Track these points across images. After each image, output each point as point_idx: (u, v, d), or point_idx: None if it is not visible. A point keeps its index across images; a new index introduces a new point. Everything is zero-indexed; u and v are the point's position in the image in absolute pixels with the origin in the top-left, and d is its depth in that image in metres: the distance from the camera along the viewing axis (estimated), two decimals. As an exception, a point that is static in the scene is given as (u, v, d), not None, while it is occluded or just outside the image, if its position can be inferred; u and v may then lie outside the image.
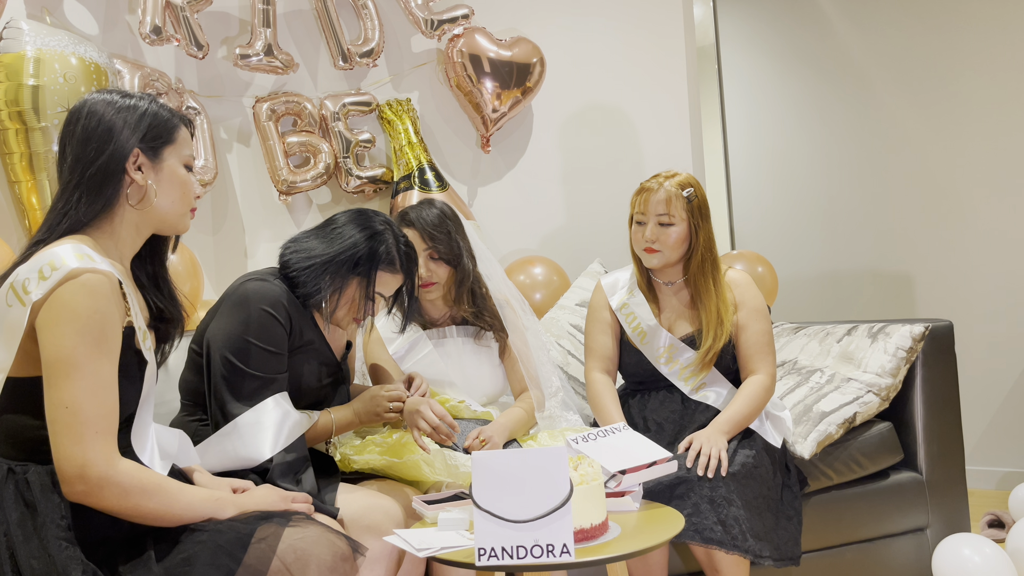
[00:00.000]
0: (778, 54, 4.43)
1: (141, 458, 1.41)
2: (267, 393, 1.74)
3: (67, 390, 1.27)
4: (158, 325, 1.52)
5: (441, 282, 2.19)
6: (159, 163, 1.44)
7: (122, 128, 1.40)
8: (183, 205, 1.47)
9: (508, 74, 3.02)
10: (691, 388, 2.17)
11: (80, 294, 1.29)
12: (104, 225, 1.41)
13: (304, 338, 1.84)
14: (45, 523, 1.27)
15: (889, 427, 2.44)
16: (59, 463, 1.27)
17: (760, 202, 4.48)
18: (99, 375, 1.29)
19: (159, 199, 1.43)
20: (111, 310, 1.31)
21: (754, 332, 2.16)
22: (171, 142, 1.45)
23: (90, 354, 1.28)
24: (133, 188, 1.42)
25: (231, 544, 1.31)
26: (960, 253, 3.87)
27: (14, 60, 2.31)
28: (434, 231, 2.15)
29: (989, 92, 3.78)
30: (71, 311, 1.28)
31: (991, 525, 2.94)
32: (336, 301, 1.83)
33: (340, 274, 1.82)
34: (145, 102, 1.45)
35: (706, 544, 1.88)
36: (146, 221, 1.45)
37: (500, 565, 1.38)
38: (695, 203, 2.14)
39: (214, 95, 2.97)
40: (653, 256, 2.16)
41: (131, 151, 1.40)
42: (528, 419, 2.19)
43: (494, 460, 1.42)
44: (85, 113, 1.41)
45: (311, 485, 1.69)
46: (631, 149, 3.32)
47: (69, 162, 1.41)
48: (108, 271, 1.33)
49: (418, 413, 1.83)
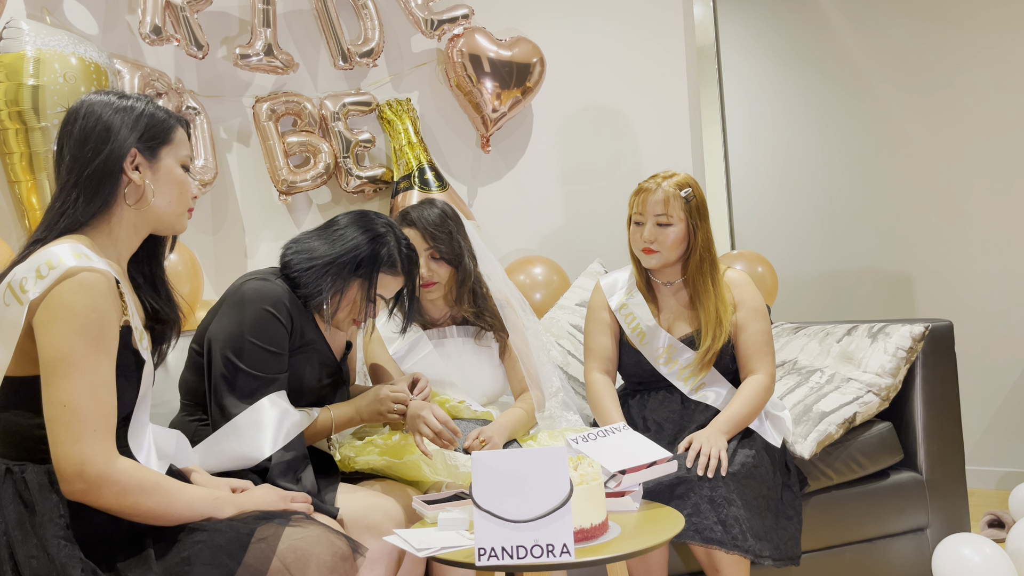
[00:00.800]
0: (778, 54, 4.43)
1: (137, 458, 1.41)
2: (267, 393, 1.74)
3: (65, 389, 1.27)
4: (154, 326, 1.53)
5: (442, 282, 2.19)
6: (156, 163, 1.44)
7: (120, 128, 1.41)
8: (180, 205, 1.48)
9: (508, 74, 3.02)
10: (690, 388, 2.17)
11: (77, 293, 1.29)
12: (102, 225, 1.42)
13: (305, 338, 1.84)
14: (43, 522, 1.28)
15: (889, 427, 2.44)
16: (57, 462, 1.27)
17: (760, 202, 4.48)
18: (97, 374, 1.29)
19: (156, 199, 1.44)
20: (108, 309, 1.32)
21: (753, 332, 2.16)
22: (168, 142, 1.46)
23: (87, 353, 1.28)
24: (131, 188, 1.42)
25: (231, 544, 1.31)
26: (960, 253, 3.87)
27: (14, 60, 2.31)
28: (435, 231, 2.15)
29: (989, 92, 3.78)
30: (68, 310, 1.28)
31: (991, 525, 2.94)
32: (337, 303, 1.83)
33: (342, 276, 1.82)
34: (142, 103, 1.45)
35: (706, 544, 1.88)
36: (143, 221, 1.45)
37: (500, 565, 1.38)
38: (693, 203, 2.15)
39: (214, 95, 2.97)
40: (651, 256, 2.16)
41: (128, 151, 1.41)
42: (528, 419, 2.19)
43: (494, 460, 1.42)
44: (83, 113, 1.42)
45: (311, 484, 1.69)
46: (631, 149, 3.32)
47: (67, 162, 1.41)
48: (105, 270, 1.33)
49: (420, 418, 1.83)
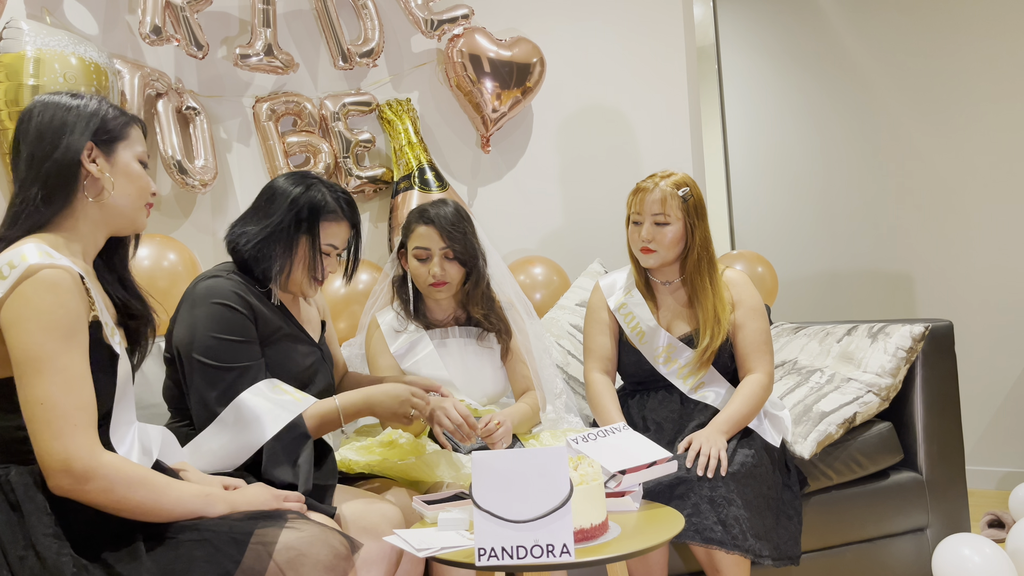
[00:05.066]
0: (778, 54, 4.43)
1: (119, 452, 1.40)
2: (246, 382, 1.72)
3: (40, 387, 1.27)
4: (127, 323, 1.52)
5: (453, 282, 2.19)
6: (113, 157, 1.46)
7: (75, 123, 1.43)
8: (139, 199, 1.49)
9: (508, 74, 3.02)
10: (690, 387, 2.17)
11: (41, 290, 1.29)
12: (64, 223, 1.43)
13: (272, 326, 1.81)
14: (31, 522, 1.27)
15: (889, 427, 2.44)
16: (42, 460, 1.27)
17: (760, 202, 4.48)
18: (70, 369, 1.29)
19: (115, 191, 1.45)
20: (75, 304, 1.32)
21: (751, 331, 2.17)
22: (124, 138, 1.48)
23: (58, 349, 1.28)
24: (89, 181, 1.43)
25: (228, 545, 1.31)
26: (960, 253, 3.87)
27: (14, 60, 2.31)
28: (452, 230, 2.16)
29: (989, 92, 3.78)
30: (34, 308, 1.29)
31: (991, 525, 2.94)
32: (290, 265, 1.83)
33: (286, 237, 1.82)
34: (95, 102, 1.48)
35: (706, 544, 1.88)
36: (104, 217, 1.46)
37: (500, 565, 1.38)
38: (691, 202, 2.15)
39: (214, 95, 2.97)
40: (650, 256, 2.17)
41: (85, 144, 1.43)
42: (532, 415, 2.19)
43: (494, 460, 1.42)
44: (38, 111, 1.44)
45: (307, 472, 1.67)
46: (631, 149, 3.32)
47: (24, 158, 1.43)
48: (68, 266, 1.33)
49: (443, 410, 1.85)
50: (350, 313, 2.76)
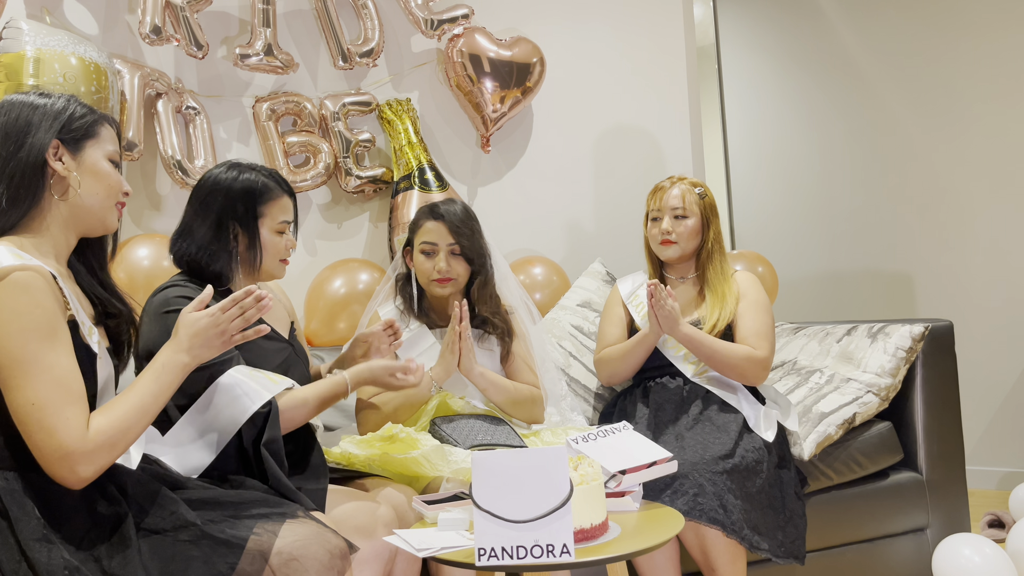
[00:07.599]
0: (778, 54, 4.43)
1: None
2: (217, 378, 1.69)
3: (30, 388, 1.26)
4: (107, 322, 1.52)
5: (458, 279, 2.20)
6: (80, 155, 1.44)
7: (40, 122, 1.42)
8: (108, 199, 1.47)
9: (508, 74, 3.02)
10: (694, 371, 2.27)
11: (14, 292, 1.28)
12: (32, 224, 1.41)
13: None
14: (21, 528, 1.27)
15: (889, 427, 2.44)
16: (43, 460, 1.27)
17: (760, 202, 4.48)
18: (57, 366, 1.29)
19: (83, 190, 1.43)
20: (50, 303, 1.31)
21: (753, 319, 2.27)
22: (92, 136, 1.46)
23: (41, 348, 1.28)
24: (56, 179, 1.42)
25: (226, 545, 1.31)
26: (960, 253, 3.87)
27: (14, 60, 2.31)
28: (461, 226, 2.18)
29: (989, 92, 3.78)
30: (10, 310, 1.28)
31: (991, 525, 2.94)
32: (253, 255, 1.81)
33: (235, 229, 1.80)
34: (63, 100, 1.46)
35: (710, 524, 1.90)
36: (73, 216, 1.44)
37: (500, 565, 1.38)
38: (706, 200, 2.37)
39: (214, 95, 2.97)
40: (669, 248, 2.34)
41: (50, 142, 1.41)
42: (530, 398, 2.19)
43: (494, 460, 1.42)
44: (3, 111, 1.43)
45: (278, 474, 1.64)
46: (631, 149, 3.32)
47: None
48: (39, 266, 1.32)
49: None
50: (350, 313, 2.75)
